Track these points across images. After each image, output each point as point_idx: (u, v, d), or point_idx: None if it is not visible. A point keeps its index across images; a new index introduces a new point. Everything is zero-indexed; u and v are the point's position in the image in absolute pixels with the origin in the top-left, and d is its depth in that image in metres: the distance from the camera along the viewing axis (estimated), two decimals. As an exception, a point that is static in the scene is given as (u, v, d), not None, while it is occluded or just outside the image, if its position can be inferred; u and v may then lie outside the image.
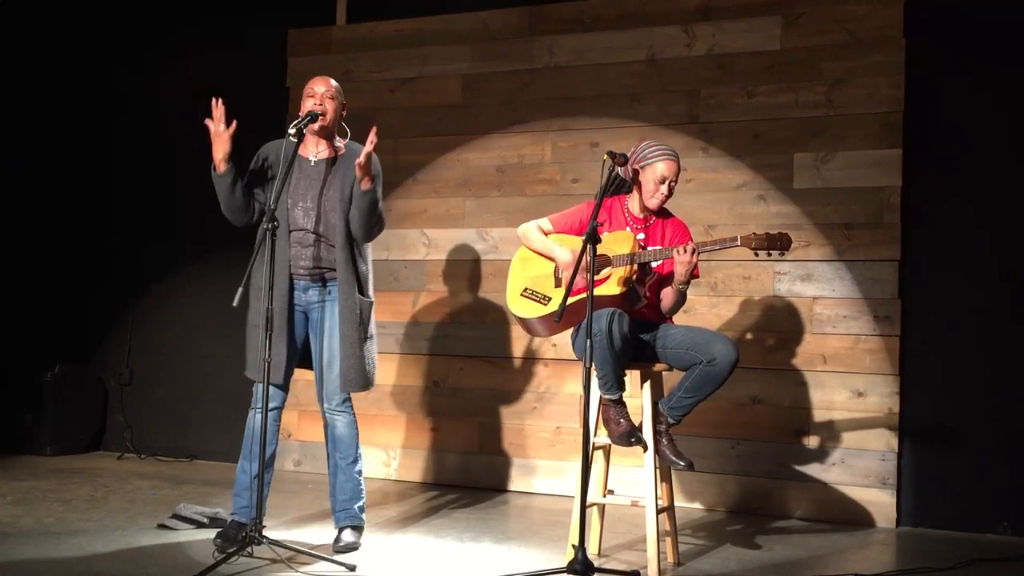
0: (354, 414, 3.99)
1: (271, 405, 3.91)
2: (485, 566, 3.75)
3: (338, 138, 4.03)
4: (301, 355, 4.02)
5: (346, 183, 3.89)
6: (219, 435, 6.03)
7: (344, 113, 4.02)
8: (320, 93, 3.91)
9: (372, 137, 3.75)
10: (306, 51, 6.03)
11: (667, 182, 3.78)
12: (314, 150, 3.97)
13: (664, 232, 3.89)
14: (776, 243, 3.69)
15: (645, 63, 5.31)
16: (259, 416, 3.90)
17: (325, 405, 3.95)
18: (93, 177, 6.54)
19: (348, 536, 3.88)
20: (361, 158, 3.74)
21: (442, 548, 4.04)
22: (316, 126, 3.88)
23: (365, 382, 3.91)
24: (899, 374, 4.77)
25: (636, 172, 3.81)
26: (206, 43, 6.32)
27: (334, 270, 3.91)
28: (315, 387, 4.00)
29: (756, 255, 3.76)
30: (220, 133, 3.78)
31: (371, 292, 3.99)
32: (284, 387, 3.96)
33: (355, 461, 3.96)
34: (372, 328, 3.97)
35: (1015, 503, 4.57)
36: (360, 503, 3.95)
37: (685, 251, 3.64)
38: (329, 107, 3.90)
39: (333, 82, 3.98)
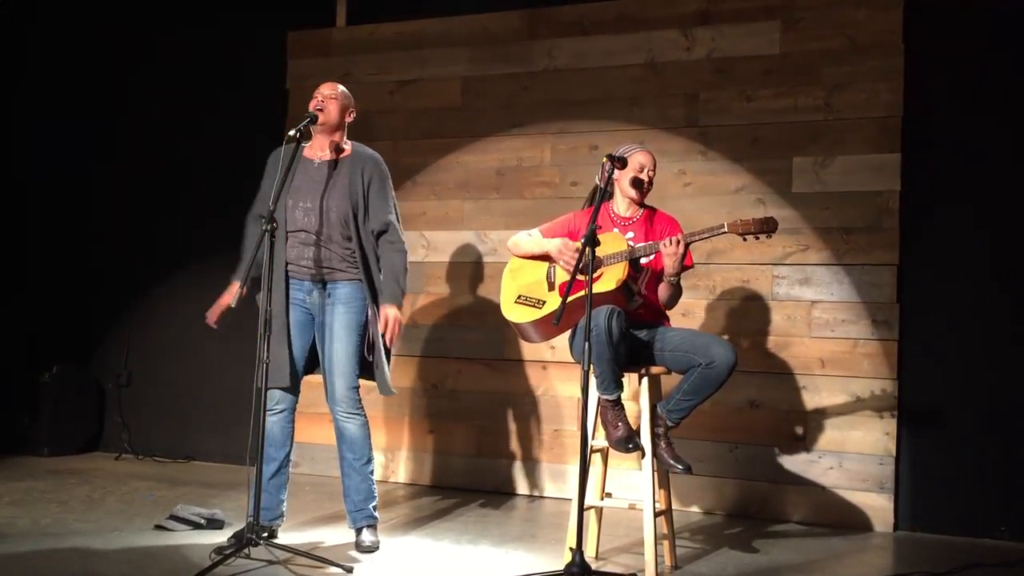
0: (366, 416, 3.99)
1: (280, 407, 3.94)
2: (483, 569, 3.75)
3: (345, 140, 4.05)
4: (311, 358, 4.01)
5: (351, 186, 3.90)
6: (217, 436, 6.03)
7: (351, 116, 4.04)
8: (324, 95, 3.96)
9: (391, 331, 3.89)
10: (306, 53, 6.03)
11: (646, 170, 3.90)
12: (319, 152, 3.99)
13: (652, 228, 3.93)
14: (763, 226, 3.71)
15: (644, 67, 5.31)
16: (270, 419, 3.93)
17: (336, 409, 3.94)
18: (92, 177, 6.53)
19: (369, 536, 3.92)
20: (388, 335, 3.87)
21: (440, 551, 4.04)
22: (318, 124, 3.92)
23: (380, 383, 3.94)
24: (897, 378, 4.77)
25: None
26: (206, 44, 6.31)
27: (335, 271, 3.91)
28: (324, 390, 3.99)
29: (744, 239, 3.79)
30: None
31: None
32: (291, 390, 3.96)
33: (368, 462, 3.98)
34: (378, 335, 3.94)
35: (1013, 507, 4.57)
36: (374, 503, 4.00)
37: (671, 243, 3.69)
38: (330, 106, 3.94)
39: (340, 87, 4.03)
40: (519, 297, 3.92)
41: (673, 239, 3.69)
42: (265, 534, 3.76)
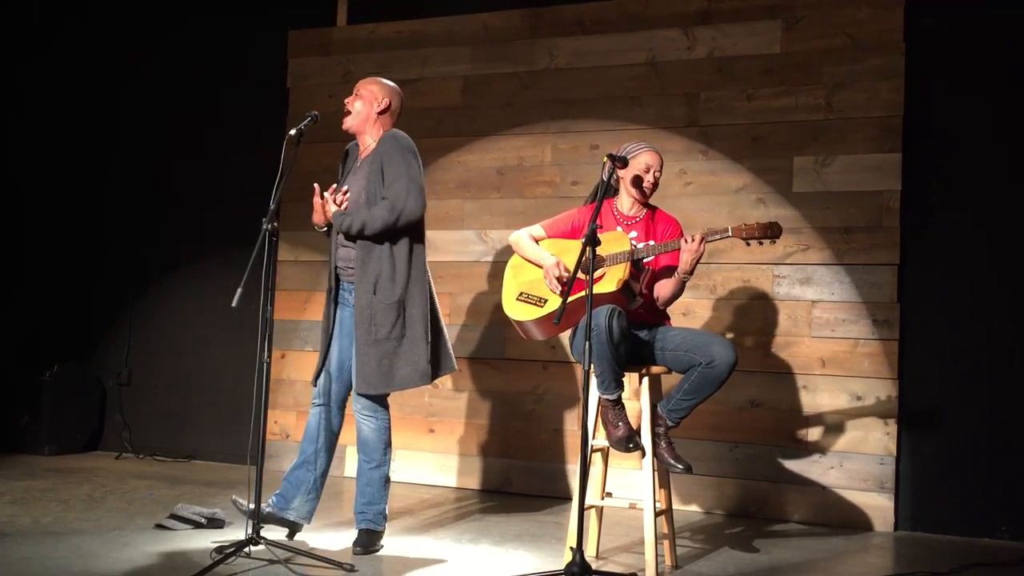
0: (385, 420, 3.96)
1: (317, 401, 4.01)
2: (483, 568, 3.75)
3: (382, 133, 4.00)
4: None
5: (371, 175, 3.87)
6: (217, 435, 6.03)
7: (383, 104, 3.96)
8: (352, 95, 3.98)
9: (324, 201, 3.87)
10: (306, 52, 6.04)
11: (652, 170, 3.89)
12: (361, 150, 4.02)
13: (655, 228, 3.93)
14: (767, 231, 3.72)
15: (645, 66, 5.31)
16: (311, 412, 4.01)
17: (355, 408, 3.96)
18: (92, 176, 6.54)
19: (364, 539, 3.90)
20: (329, 213, 3.86)
21: (440, 550, 4.03)
22: (344, 127, 3.96)
23: (377, 383, 3.85)
24: (897, 378, 4.77)
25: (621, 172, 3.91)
26: (207, 43, 6.32)
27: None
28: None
29: (748, 244, 3.79)
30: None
31: (395, 291, 3.86)
32: (332, 386, 3.98)
33: (379, 466, 3.95)
34: (390, 328, 3.85)
35: (1013, 507, 4.57)
36: (379, 507, 3.95)
37: (694, 239, 3.68)
38: (357, 106, 3.95)
39: (379, 82, 4.01)
40: (520, 295, 3.92)
41: (697, 235, 3.70)
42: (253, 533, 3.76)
